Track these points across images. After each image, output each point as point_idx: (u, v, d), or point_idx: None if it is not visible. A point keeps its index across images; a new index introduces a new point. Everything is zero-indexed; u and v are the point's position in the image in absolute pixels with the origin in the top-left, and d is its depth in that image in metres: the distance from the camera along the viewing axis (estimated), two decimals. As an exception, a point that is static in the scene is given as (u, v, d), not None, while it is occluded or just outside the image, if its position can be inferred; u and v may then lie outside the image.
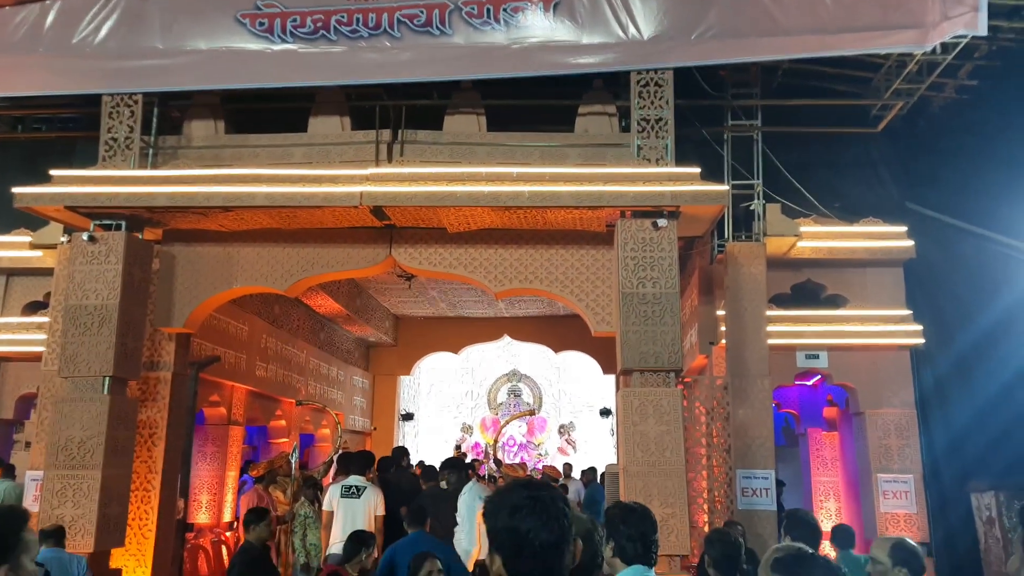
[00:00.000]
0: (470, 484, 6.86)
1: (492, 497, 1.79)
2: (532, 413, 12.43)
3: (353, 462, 7.96)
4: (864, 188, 9.04)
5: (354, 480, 7.47)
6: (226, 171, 7.37)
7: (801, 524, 4.73)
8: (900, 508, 8.14)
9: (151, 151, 7.69)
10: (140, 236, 7.61)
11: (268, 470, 8.72)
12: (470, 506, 6.64)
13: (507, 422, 13.02)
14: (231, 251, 7.83)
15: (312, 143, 7.70)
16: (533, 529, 1.65)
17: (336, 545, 7.25)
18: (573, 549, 1.72)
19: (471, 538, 6.58)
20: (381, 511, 7.31)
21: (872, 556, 3.45)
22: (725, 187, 7.22)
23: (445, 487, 7.38)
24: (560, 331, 15.52)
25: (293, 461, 8.46)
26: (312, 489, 8.19)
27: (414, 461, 13.17)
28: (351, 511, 7.23)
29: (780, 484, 10.12)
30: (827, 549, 6.27)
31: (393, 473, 8.95)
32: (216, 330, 9.72)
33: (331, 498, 7.40)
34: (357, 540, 5.44)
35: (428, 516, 6.08)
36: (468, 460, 11.81)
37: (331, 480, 8.47)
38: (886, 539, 3.52)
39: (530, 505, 1.69)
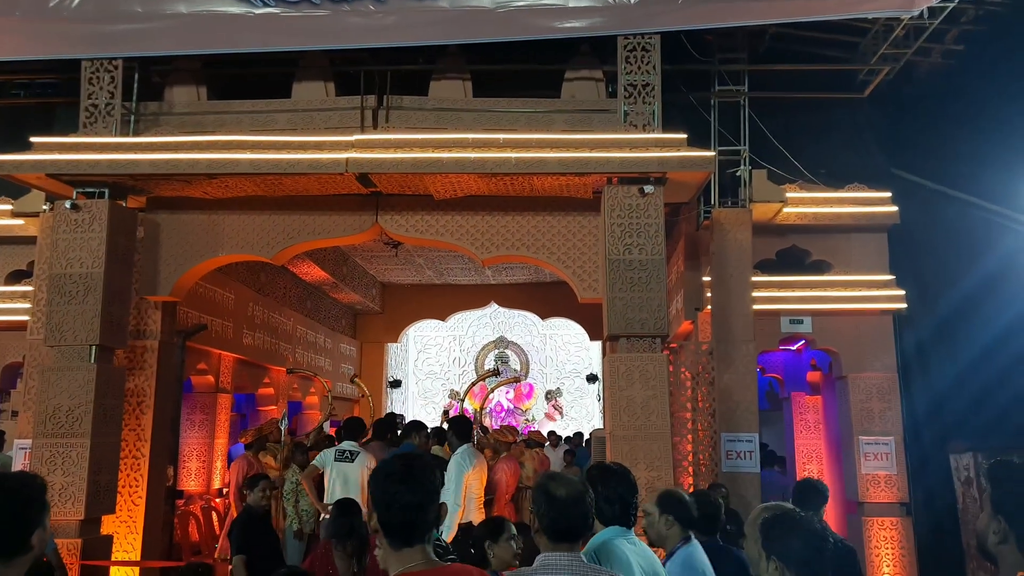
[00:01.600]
0: (463, 447, 6.91)
1: (376, 466, 2.27)
2: (495, 373, 12.50)
3: (346, 428, 8.00)
4: (850, 154, 9.05)
5: (347, 445, 7.52)
6: (209, 137, 7.30)
7: (809, 491, 4.74)
8: (881, 469, 8.30)
9: (133, 117, 7.60)
10: (124, 204, 7.54)
11: (257, 437, 8.76)
12: (457, 468, 6.73)
13: (479, 381, 13.05)
14: (216, 219, 7.78)
15: (296, 109, 7.63)
16: (400, 492, 2.14)
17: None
18: (437, 508, 2.22)
19: (456, 499, 6.68)
20: None
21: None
22: (711, 153, 7.22)
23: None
24: (547, 298, 15.56)
25: (282, 427, 8.49)
26: (303, 455, 8.25)
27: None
28: (343, 475, 7.29)
29: (771, 454, 10.27)
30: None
31: (388, 440, 9.03)
32: (202, 298, 9.69)
33: (324, 459, 7.43)
34: (345, 511, 5.02)
35: None
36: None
37: None
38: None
39: (402, 472, 2.17)
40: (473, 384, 12.12)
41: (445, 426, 7.73)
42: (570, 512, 2.64)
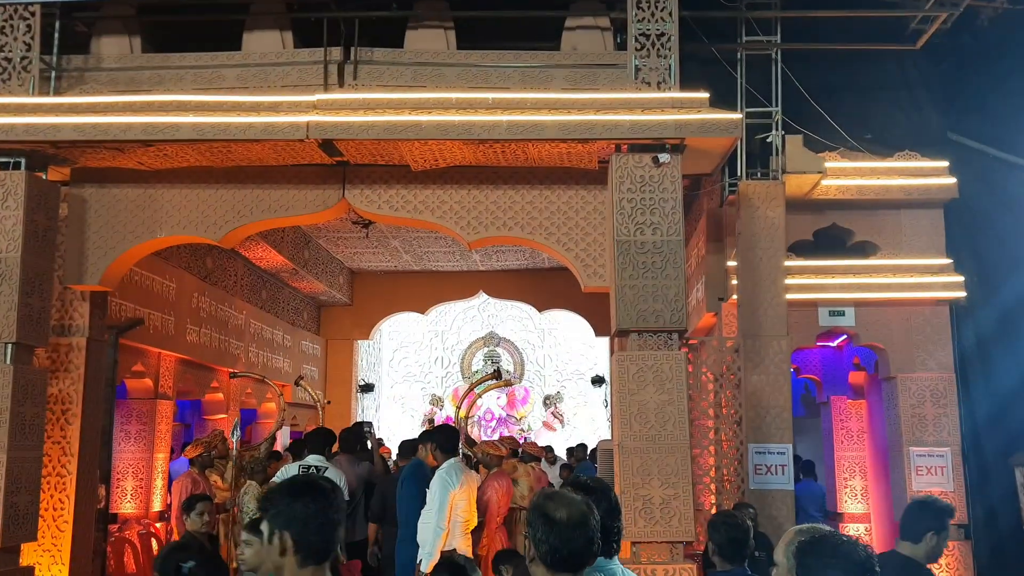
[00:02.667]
0: (449, 462, 6.94)
1: (296, 480, 2.69)
2: (496, 376, 12.39)
3: (309, 441, 8.04)
4: (900, 116, 9.05)
5: (313, 460, 7.57)
6: (145, 97, 7.26)
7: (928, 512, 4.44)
8: (935, 485, 8.32)
9: (53, 74, 7.54)
10: (43, 176, 7.49)
11: (205, 450, 8.76)
12: (442, 486, 6.75)
13: (472, 388, 13.02)
14: (153, 194, 7.74)
15: (247, 63, 7.59)
16: (323, 509, 2.57)
17: None
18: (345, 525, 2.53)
19: (440, 520, 6.69)
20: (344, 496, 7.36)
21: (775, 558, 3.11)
22: (738, 115, 7.20)
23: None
24: (545, 287, 15.56)
25: (233, 440, 8.50)
26: (262, 474, 8.24)
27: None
28: None
29: (809, 465, 10.30)
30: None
31: (358, 452, 9.06)
32: (138, 288, 9.65)
33: (284, 475, 7.48)
34: None
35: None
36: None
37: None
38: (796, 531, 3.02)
39: (325, 489, 2.62)
40: (471, 389, 12.13)
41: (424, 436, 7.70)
42: (572, 537, 2.62)
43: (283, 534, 2.55)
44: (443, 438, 7.13)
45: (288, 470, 7.56)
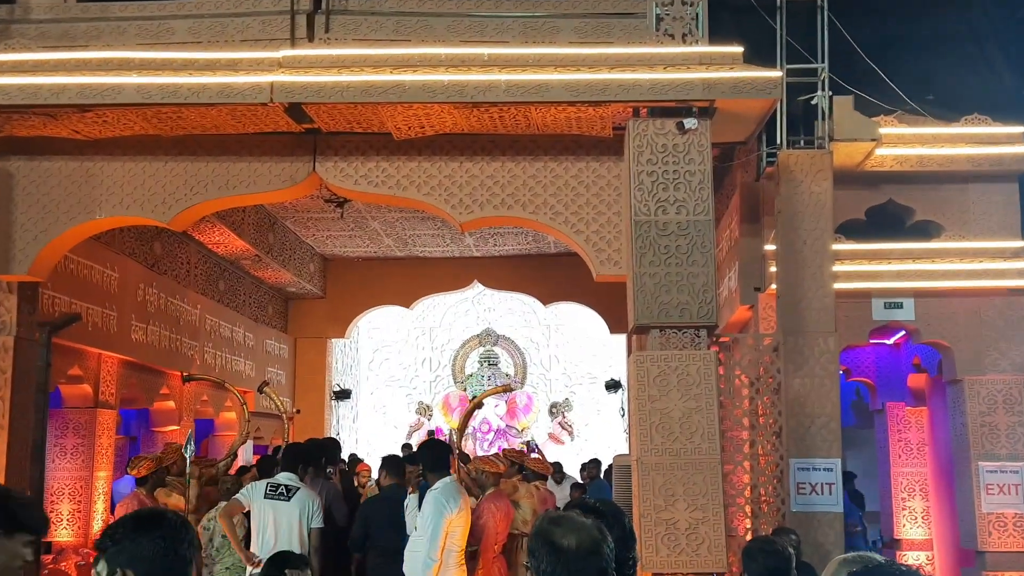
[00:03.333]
0: (443, 481, 6.93)
1: (146, 513, 2.88)
2: (508, 389, 12.32)
3: (284, 456, 7.95)
4: (967, 75, 9.05)
5: (284, 478, 7.45)
6: (80, 54, 7.23)
7: None
8: (1008, 506, 8.34)
9: (-27, 27, 7.52)
10: (-38, 147, 7.49)
11: (154, 468, 8.76)
12: (436, 510, 6.74)
13: (475, 403, 13.07)
14: (92, 168, 7.73)
15: (201, 14, 7.56)
16: (162, 549, 2.74)
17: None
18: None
19: (432, 551, 6.69)
20: (318, 522, 7.35)
21: None
22: (777, 73, 7.19)
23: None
24: (551, 276, 15.56)
25: (187, 455, 8.50)
26: (236, 488, 8.27)
27: (349, 454, 13.31)
28: (275, 518, 7.24)
29: (849, 476, 10.34)
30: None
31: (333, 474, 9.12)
32: (74, 278, 9.63)
33: (250, 492, 7.43)
34: (278, 566, 4.93)
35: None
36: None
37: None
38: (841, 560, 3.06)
39: (159, 527, 2.78)
40: (475, 406, 12.11)
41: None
42: (583, 568, 2.62)
43: (126, 573, 2.69)
44: (433, 454, 7.13)
45: (253, 488, 7.50)
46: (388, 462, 8.37)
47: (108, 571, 2.73)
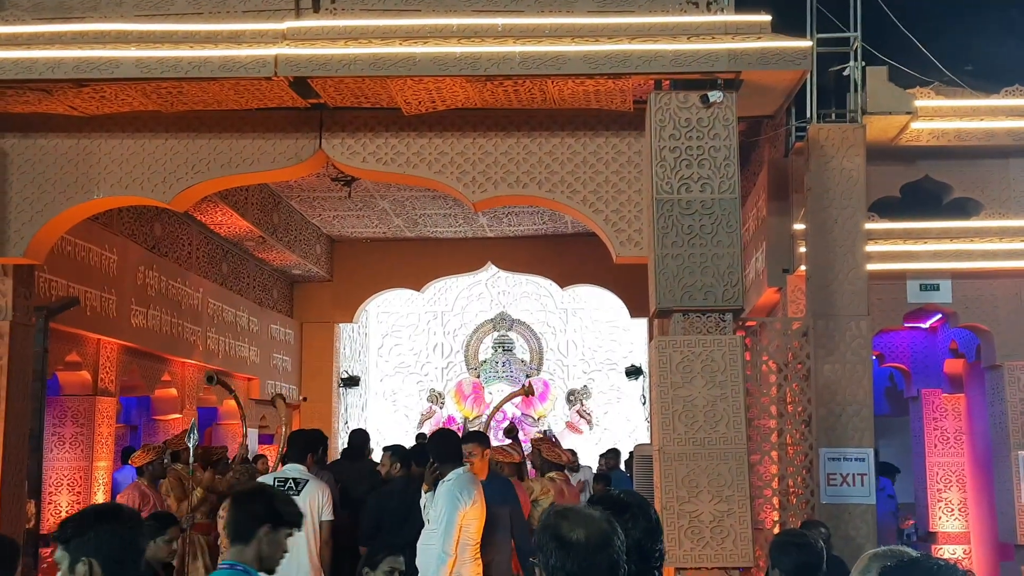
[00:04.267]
0: (456, 472, 6.97)
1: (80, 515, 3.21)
2: (528, 393, 12.41)
3: (290, 445, 7.96)
4: (1009, 43, 8.99)
5: (292, 471, 7.47)
6: (77, 27, 7.24)
7: None
8: (1049, 498, 8.35)
9: (-36, -2, 7.55)
10: (-46, 124, 7.53)
11: (155, 457, 8.87)
12: (450, 503, 6.77)
13: (497, 408, 13.14)
14: (89, 145, 7.76)
15: (202, -16, 7.57)
16: (127, 539, 3.09)
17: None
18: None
19: (447, 544, 6.73)
20: (328, 514, 7.42)
21: None
22: (807, 43, 7.16)
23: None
24: (568, 257, 15.56)
25: (191, 444, 8.58)
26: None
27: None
28: None
29: (891, 469, 10.31)
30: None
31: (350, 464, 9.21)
32: (72, 260, 9.69)
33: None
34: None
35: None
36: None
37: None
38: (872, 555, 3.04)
39: (118, 519, 3.14)
40: (496, 410, 12.08)
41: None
42: (593, 563, 2.63)
43: (91, 562, 2.98)
44: (442, 447, 7.17)
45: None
46: (396, 452, 8.42)
47: (71, 560, 3.00)
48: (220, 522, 8.29)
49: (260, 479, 7.80)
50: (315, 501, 7.30)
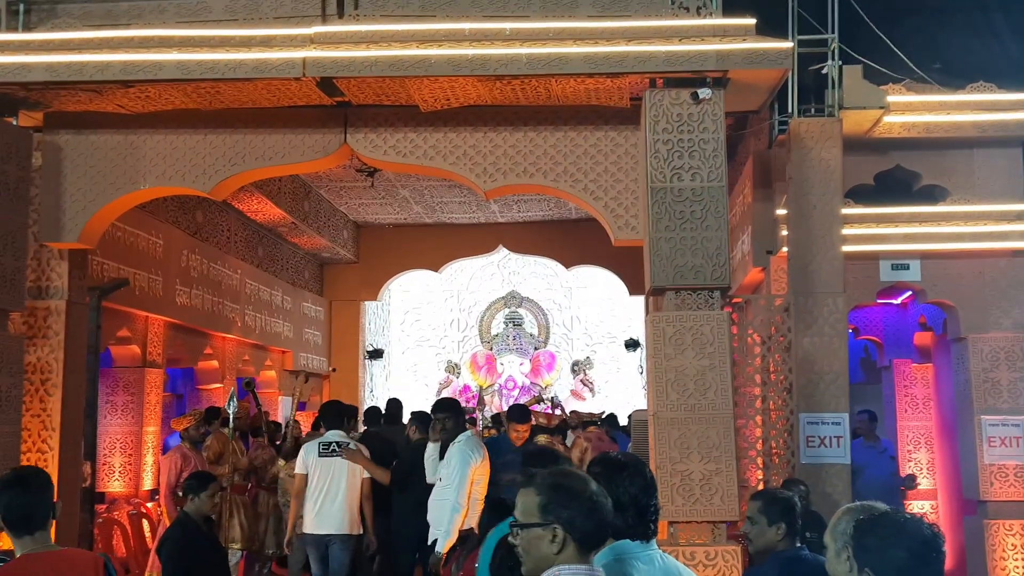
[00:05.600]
0: (465, 435, 7.09)
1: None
2: (539, 400, 12.52)
3: (324, 415, 8.32)
4: (973, 43, 8.92)
5: (334, 436, 7.80)
6: (123, 33, 7.23)
7: None
8: (1009, 458, 8.30)
9: (22, 7, 7.52)
10: (14, 122, 7.52)
11: (196, 422, 8.96)
12: (463, 460, 6.87)
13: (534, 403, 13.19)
14: (136, 140, 7.76)
15: (237, -7, 7.54)
16: (31, 499, 3.75)
17: (311, 517, 7.59)
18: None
19: (460, 498, 6.82)
20: (365, 472, 7.60)
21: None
22: (789, 44, 7.10)
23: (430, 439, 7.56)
24: (572, 240, 15.54)
25: (230, 411, 8.62)
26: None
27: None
28: (328, 473, 7.62)
29: (870, 418, 10.10)
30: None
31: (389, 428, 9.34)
32: (122, 245, 9.72)
33: (305, 459, 7.79)
34: None
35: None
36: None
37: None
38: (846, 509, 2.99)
39: (30, 482, 3.81)
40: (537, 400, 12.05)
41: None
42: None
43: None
44: (453, 417, 7.25)
45: (307, 450, 7.80)
46: (418, 418, 8.49)
47: None
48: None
49: (306, 444, 7.97)
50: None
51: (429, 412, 7.74)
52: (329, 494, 7.58)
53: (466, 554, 6.52)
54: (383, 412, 10.21)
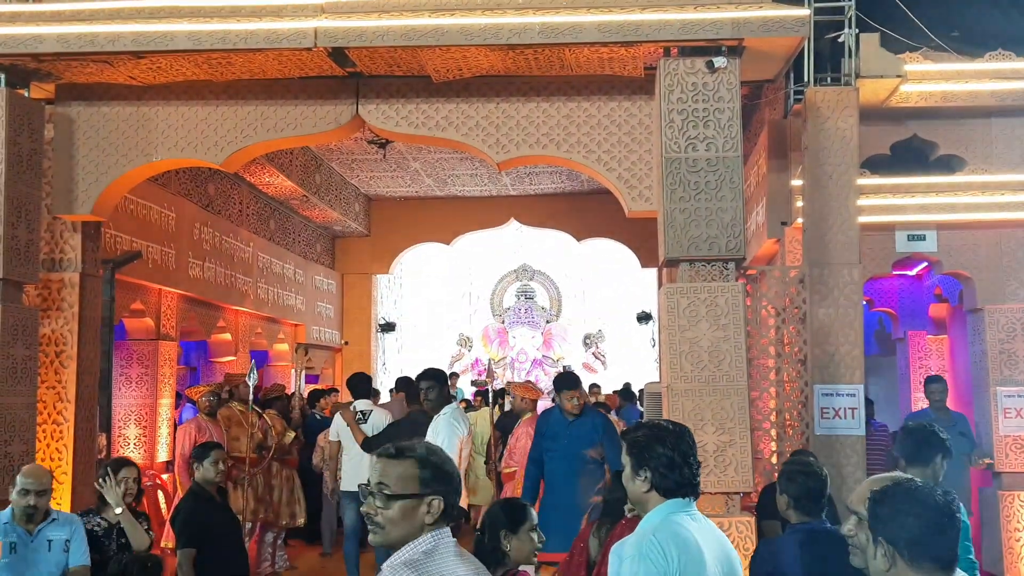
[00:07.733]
0: (451, 407, 7.17)
1: None
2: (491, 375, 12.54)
3: (354, 386, 9.10)
4: (992, 11, 8.82)
5: (361, 404, 8.80)
6: (133, 3, 7.19)
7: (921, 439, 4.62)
8: (1024, 429, 8.32)
9: (32, -22, 7.50)
10: (26, 93, 7.51)
11: (210, 392, 9.02)
12: (451, 430, 6.98)
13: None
14: (147, 112, 7.75)
15: (247, -38, 7.49)
16: None
17: (349, 477, 8.66)
18: None
19: None
20: None
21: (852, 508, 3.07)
22: (805, 11, 7.03)
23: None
24: (584, 212, 15.53)
25: (251, 383, 8.64)
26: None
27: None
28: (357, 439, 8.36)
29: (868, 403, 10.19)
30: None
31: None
32: (134, 217, 9.74)
33: (336, 427, 8.85)
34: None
35: None
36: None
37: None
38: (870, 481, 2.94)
39: None
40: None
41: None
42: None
43: None
44: (440, 381, 7.43)
45: (339, 420, 8.79)
46: (403, 383, 9.47)
47: None
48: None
49: (339, 412, 8.78)
50: (380, 425, 8.44)
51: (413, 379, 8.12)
52: (362, 456, 8.30)
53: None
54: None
